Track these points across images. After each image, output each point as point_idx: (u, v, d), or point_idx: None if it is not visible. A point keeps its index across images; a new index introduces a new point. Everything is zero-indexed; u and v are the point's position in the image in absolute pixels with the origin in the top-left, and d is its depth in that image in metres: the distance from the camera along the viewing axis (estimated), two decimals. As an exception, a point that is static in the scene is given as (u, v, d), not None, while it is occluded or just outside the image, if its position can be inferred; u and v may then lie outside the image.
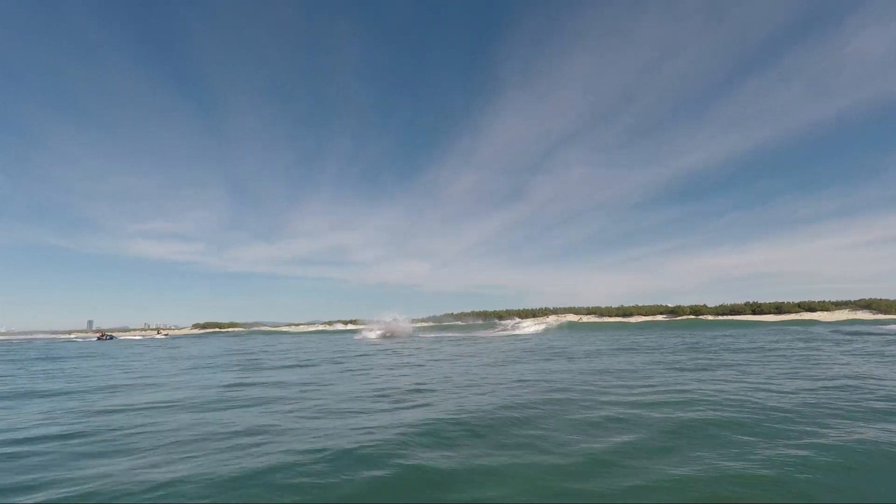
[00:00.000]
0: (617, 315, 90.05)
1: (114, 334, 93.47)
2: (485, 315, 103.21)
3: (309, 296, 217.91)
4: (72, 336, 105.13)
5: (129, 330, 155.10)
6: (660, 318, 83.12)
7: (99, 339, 70.99)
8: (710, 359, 14.05)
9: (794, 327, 40.19)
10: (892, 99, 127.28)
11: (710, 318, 75.61)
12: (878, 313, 67.81)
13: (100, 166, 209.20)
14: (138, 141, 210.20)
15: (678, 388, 8.63)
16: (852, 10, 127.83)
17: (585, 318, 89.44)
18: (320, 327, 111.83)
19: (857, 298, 72.12)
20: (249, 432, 6.06)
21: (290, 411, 7.54)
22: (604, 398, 7.79)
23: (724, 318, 73.30)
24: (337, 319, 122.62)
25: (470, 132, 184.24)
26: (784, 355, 14.55)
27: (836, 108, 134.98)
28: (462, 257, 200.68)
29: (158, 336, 74.95)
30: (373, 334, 39.90)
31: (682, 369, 11.67)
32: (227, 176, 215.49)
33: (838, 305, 72.62)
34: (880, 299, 69.59)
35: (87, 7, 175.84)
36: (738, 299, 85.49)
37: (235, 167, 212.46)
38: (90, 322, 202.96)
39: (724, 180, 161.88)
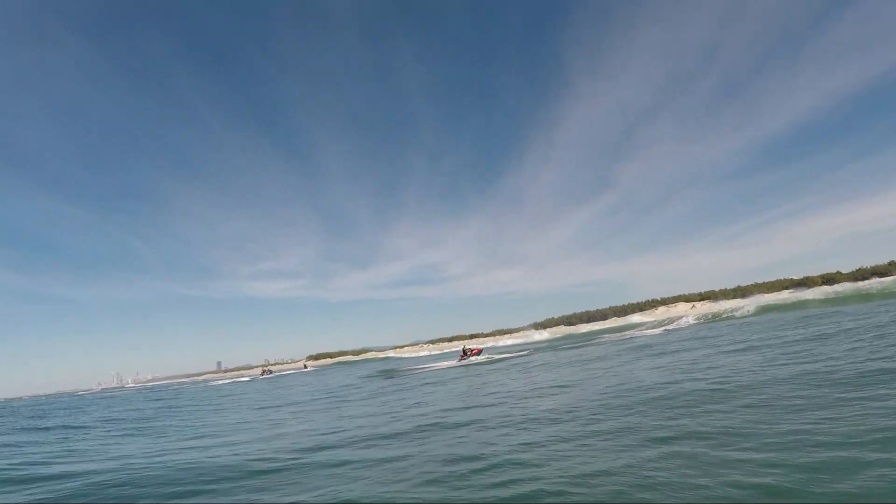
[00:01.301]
0: (734, 297, 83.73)
1: (272, 369, 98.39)
2: (587, 315, 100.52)
3: (407, 316, 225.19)
4: (223, 377, 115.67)
5: (252, 367, 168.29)
6: (786, 293, 76.10)
7: (262, 374, 75.00)
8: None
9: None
10: None
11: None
12: None
13: (212, 216, 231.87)
14: (241, 189, 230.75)
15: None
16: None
17: (699, 305, 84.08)
18: (427, 349, 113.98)
19: None
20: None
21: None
22: None
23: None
24: (438, 338, 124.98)
25: (544, 129, 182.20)
26: None
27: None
28: (553, 258, 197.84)
29: (306, 370, 79.19)
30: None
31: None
32: (319, 210, 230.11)
33: None
34: None
35: (180, 69, 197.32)
36: (879, 259, 75.78)
37: (326, 201, 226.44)
38: (219, 363, 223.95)
39: (836, 126, 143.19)
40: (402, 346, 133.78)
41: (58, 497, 6.92)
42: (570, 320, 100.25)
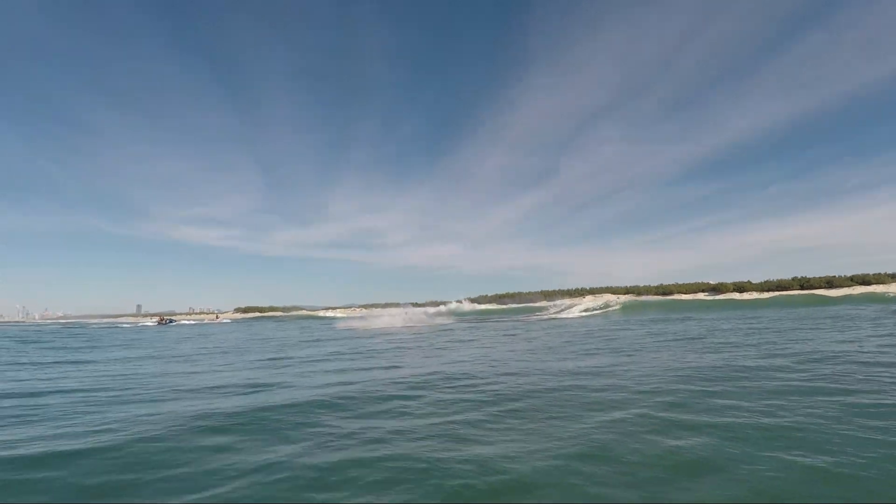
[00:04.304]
0: (656, 293, 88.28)
1: (173, 318, 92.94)
2: (519, 297, 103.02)
3: (342, 279, 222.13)
4: (130, 321, 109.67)
5: (176, 314, 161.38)
6: (702, 295, 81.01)
7: (159, 323, 69.00)
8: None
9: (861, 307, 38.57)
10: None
11: (754, 296, 73.14)
12: (939, 286, 64.19)
13: (144, 151, 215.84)
14: (177, 126, 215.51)
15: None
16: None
17: (623, 298, 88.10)
18: (360, 311, 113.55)
19: (914, 271, 68.55)
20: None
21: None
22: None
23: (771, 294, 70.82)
24: (373, 303, 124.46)
25: (499, 110, 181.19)
26: None
27: (889, 70, 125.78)
28: (493, 239, 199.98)
29: (217, 321, 75.58)
30: (398, 321, 38.88)
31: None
32: (260, 160, 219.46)
33: (895, 278, 69.23)
34: (942, 272, 65.88)
35: None
36: (785, 274, 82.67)
37: (268, 152, 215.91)
38: (139, 306, 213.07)
39: (768, 150, 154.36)
40: (335, 308, 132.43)
41: None
42: (501, 300, 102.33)
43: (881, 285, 66.01)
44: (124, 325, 66.94)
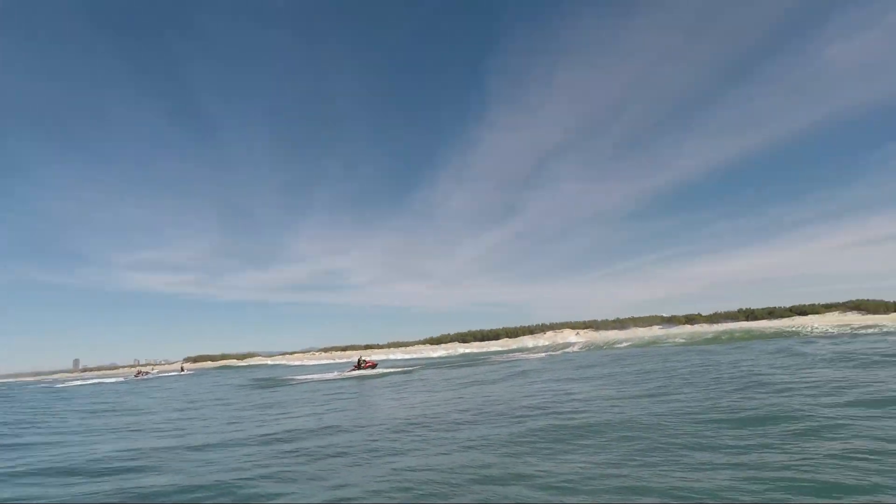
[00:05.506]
0: (613, 327, 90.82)
1: (149, 370, 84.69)
2: (481, 335, 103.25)
3: (304, 322, 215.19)
4: (72, 376, 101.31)
5: (118, 367, 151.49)
6: (656, 328, 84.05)
7: (136, 375, 63.58)
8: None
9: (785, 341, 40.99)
10: (865, 105, 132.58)
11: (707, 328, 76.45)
12: (866, 314, 69.46)
13: (88, 194, 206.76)
14: (128, 167, 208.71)
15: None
16: (823, 23, 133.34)
17: (582, 332, 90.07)
18: (318, 357, 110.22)
19: (846, 300, 73.98)
20: None
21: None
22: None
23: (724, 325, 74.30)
24: (333, 346, 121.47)
25: (462, 149, 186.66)
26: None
27: (817, 116, 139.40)
28: (458, 276, 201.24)
29: (183, 372, 69.87)
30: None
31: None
32: (218, 201, 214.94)
33: (829, 308, 74.33)
34: (869, 300, 71.43)
35: (82, 38, 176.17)
36: (733, 306, 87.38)
37: (227, 193, 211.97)
38: (76, 361, 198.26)
39: (712, 189, 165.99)
40: (292, 353, 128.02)
41: None
42: (464, 338, 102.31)
43: (817, 315, 70.85)
44: (91, 382, 60.73)
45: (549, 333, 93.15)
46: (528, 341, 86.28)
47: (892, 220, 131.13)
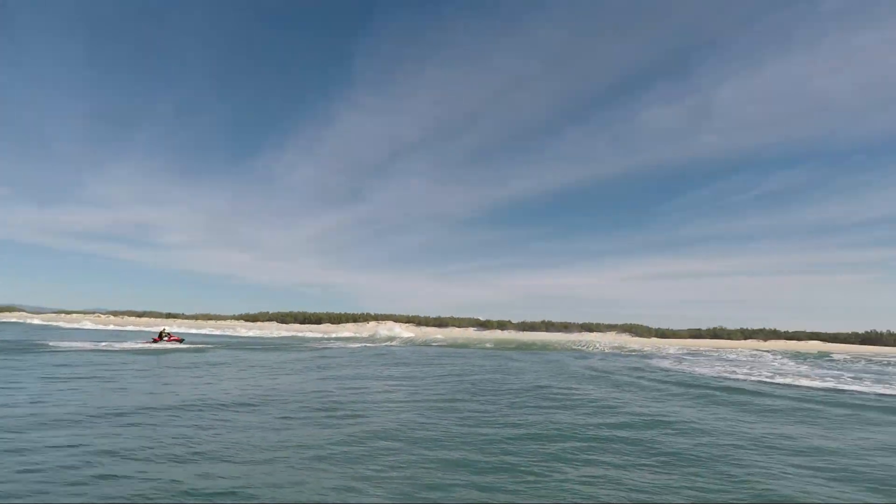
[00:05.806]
0: (434, 325, 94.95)
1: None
2: (303, 317, 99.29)
3: (95, 278, 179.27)
4: None
5: None
6: (471, 330, 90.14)
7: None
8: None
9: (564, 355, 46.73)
10: (662, 164, 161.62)
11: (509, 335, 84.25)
12: (636, 335, 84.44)
13: None
14: None
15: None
16: (648, 90, 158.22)
17: (405, 326, 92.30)
18: (104, 321, 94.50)
19: (622, 322, 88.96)
20: None
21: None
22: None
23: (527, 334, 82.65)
24: (128, 311, 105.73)
25: (316, 122, 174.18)
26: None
27: (629, 164, 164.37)
28: (289, 252, 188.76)
29: None
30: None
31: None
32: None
33: (610, 328, 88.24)
34: (639, 325, 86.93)
35: None
36: (538, 316, 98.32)
37: (17, 108, 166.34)
38: None
39: (540, 211, 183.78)
40: (70, 312, 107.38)
41: None
42: (283, 318, 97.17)
43: (599, 333, 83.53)
44: None
45: (373, 324, 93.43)
46: (349, 330, 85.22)
47: (663, 263, 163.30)
